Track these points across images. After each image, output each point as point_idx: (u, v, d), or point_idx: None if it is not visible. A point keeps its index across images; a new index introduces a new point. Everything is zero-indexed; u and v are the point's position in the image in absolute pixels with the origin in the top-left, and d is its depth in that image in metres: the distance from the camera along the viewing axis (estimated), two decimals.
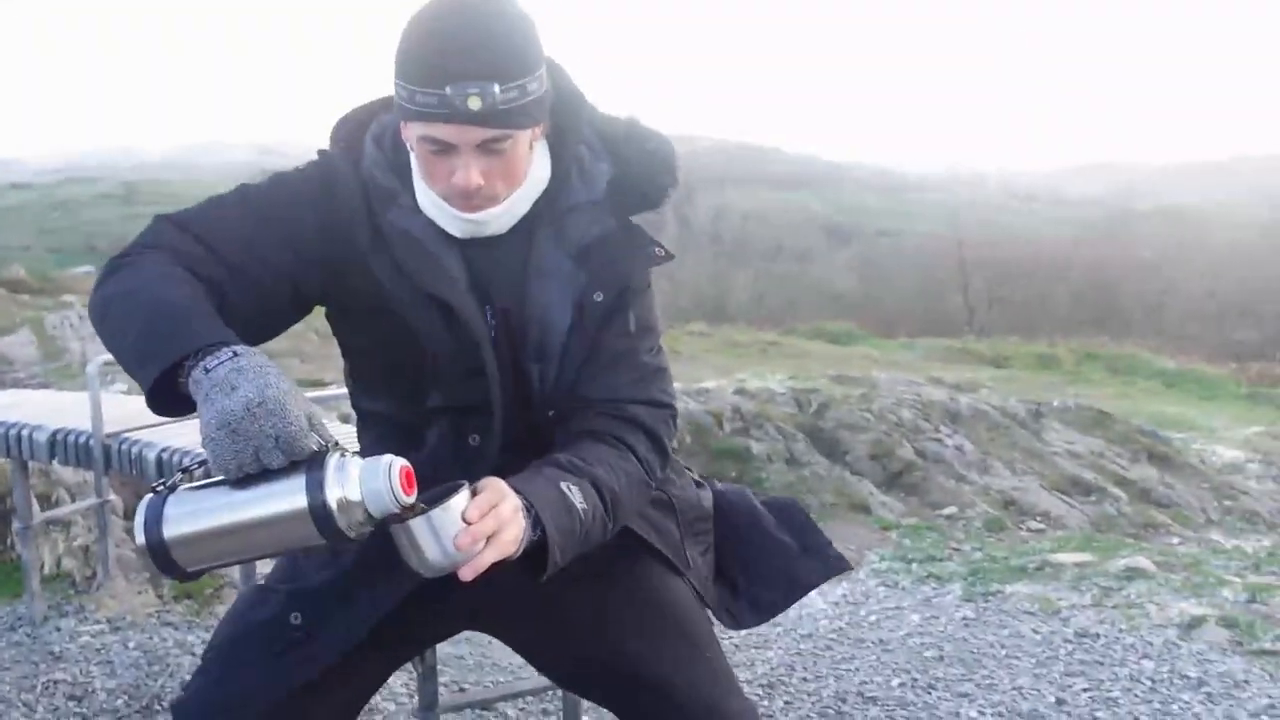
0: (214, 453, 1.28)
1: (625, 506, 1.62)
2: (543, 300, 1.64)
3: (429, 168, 1.57)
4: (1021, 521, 5.88)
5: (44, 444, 3.78)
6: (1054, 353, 14.17)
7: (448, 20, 1.50)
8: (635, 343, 1.70)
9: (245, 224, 1.58)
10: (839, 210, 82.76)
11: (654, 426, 1.69)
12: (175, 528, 1.31)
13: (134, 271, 1.49)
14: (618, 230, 1.68)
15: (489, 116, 1.49)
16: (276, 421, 1.28)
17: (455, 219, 1.60)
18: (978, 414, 7.48)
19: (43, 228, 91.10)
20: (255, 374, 1.30)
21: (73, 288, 13.26)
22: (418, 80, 1.50)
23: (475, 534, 1.34)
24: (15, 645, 3.83)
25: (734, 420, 6.56)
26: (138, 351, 1.40)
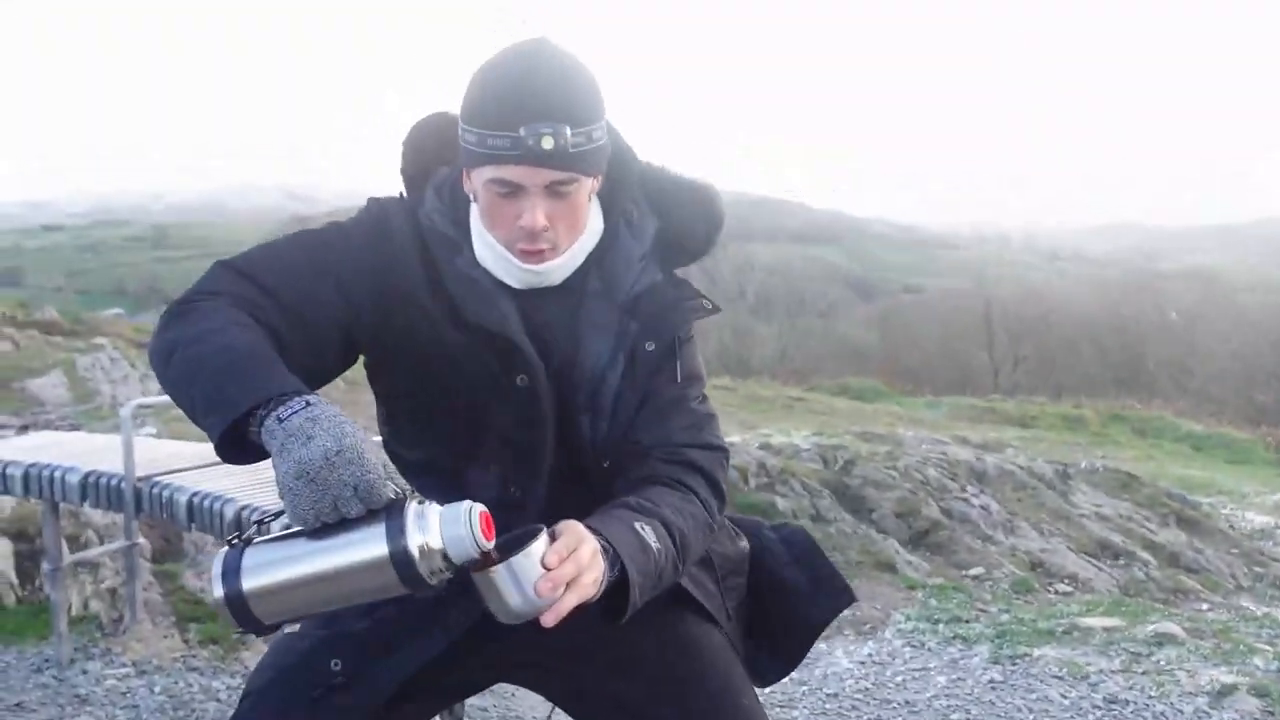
0: (292, 503, 1.28)
1: (692, 548, 1.63)
2: (595, 351, 1.66)
3: (494, 213, 1.59)
4: (1049, 584, 5.82)
5: (76, 486, 3.81)
6: (1080, 414, 14.08)
7: (520, 68, 1.55)
8: (685, 390, 1.72)
9: (301, 270, 1.59)
10: (863, 265, 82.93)
11: (711, 470, 1.71)
12: (254, 580, 1.30)
13: (198, 317, 1.50)
14: (665, 282, 1.71)
15: (560, 158, 1.53)
16: (355, 470, 1.28)
17: (515, 269, 1.62)
18: (1004, 474, 7.43)
19: (73, 269, 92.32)
20: (330, 423, 1.31)
21: (104, 330, 13.37)
22: (490, 124, 1.54)
23: (556, 580, 1.34)
24: (42, 687, 3.84)
25: (759, 475, 6.55)
26: (206, 399, 1.39)
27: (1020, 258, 77.55)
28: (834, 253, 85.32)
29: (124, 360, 10.67)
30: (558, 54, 1.58)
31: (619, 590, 1.45)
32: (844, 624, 4.88)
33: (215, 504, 3.43)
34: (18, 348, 11.48)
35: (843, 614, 5.01)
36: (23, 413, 8.30)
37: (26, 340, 11.95)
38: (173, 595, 4.61)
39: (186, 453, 4.13)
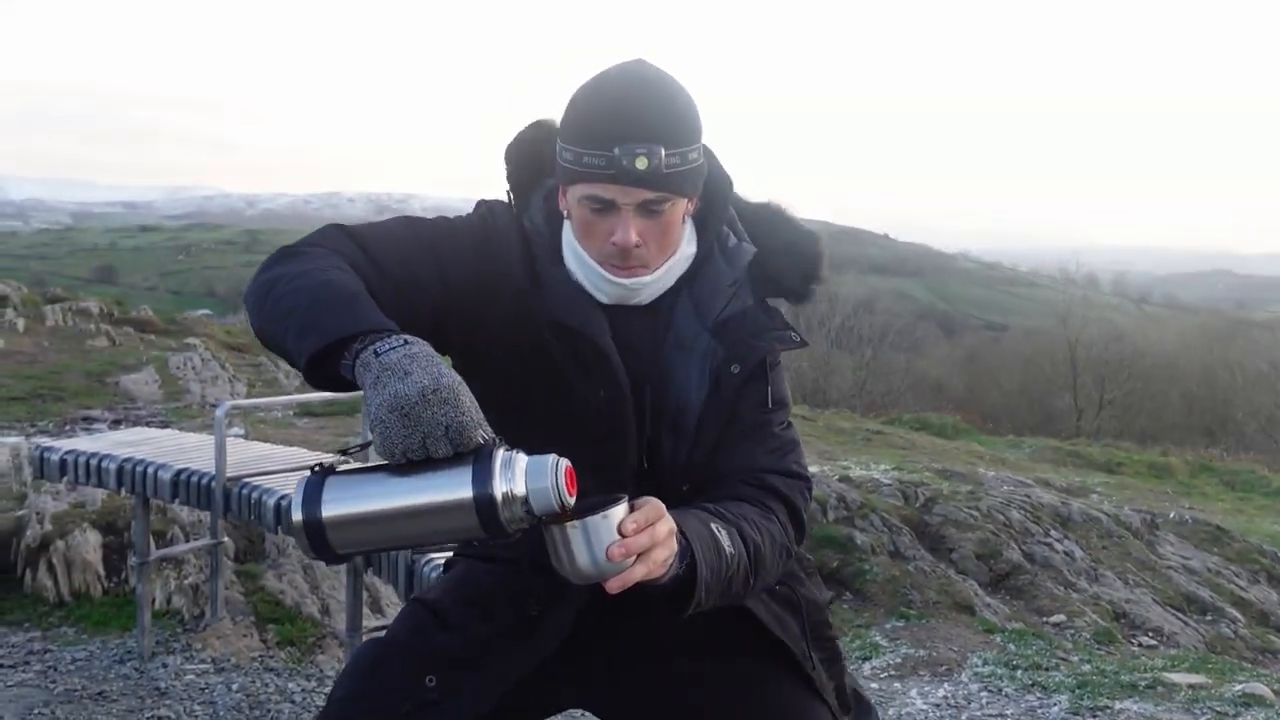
0: (382, 435, 1.28)
1: (767, 566, 1.61)
2: (682, 371, 1.67)
3: (587, 229, 1.62)
4: (1132, 636, 5.67)
5: (168, 483, 3.88)
6: (1167, 461, 13.74)
7: (618, 88, 1.58)
8: (770, 416, 1.72)
9: (408, 248, 1.62)
10: (946, 300, 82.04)
11: (792, 497, 1.70)
12: (334, 508, 1.30)
13: (304, 259, 1.53)
14: (755, 309, 1.72)
15: (653, 178, 1.55)
16: (450, 410, 1.29)
17: (606, 283, 1.63)
18: (1090, 520, 7.26)
19: (166, 270, 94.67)
20: (428, 362, 1.31)
21: (196, 330, 13.66)
22: (586, 142, 1.56)
23: (630, 546, 1.34)
24: (124, 678, 3.91)
25: (838, 509, 6.47)
26: (302, 324, 1.40)
27: (1107, 299, 76.14)
28: (917, 287, 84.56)
29: (215, 361, 10.88)
30: (656, 75, 1.60)
31: (686, 586, 1.45)
32: (919, 664, 4.80)
33: None
34: (114, 344, 11.78)
35: (918, 654, 4.92)
36: (116, 407, 8.50)
37: (122, 337, 12.25)
38: (253, 595, 4.67)
39: (275, 456, 4.19)
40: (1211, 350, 35.47)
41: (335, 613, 4.56)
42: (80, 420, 7.91)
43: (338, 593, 4.71)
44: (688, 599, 1.46)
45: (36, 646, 4.16)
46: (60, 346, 11.26)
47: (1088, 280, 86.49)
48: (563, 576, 1.37)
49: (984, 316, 75.40)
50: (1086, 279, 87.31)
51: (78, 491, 5.13)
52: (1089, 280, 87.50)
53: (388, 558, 3.12)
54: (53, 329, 12.35)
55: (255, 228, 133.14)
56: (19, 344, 11.16)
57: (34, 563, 4.66)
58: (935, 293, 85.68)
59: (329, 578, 4.88)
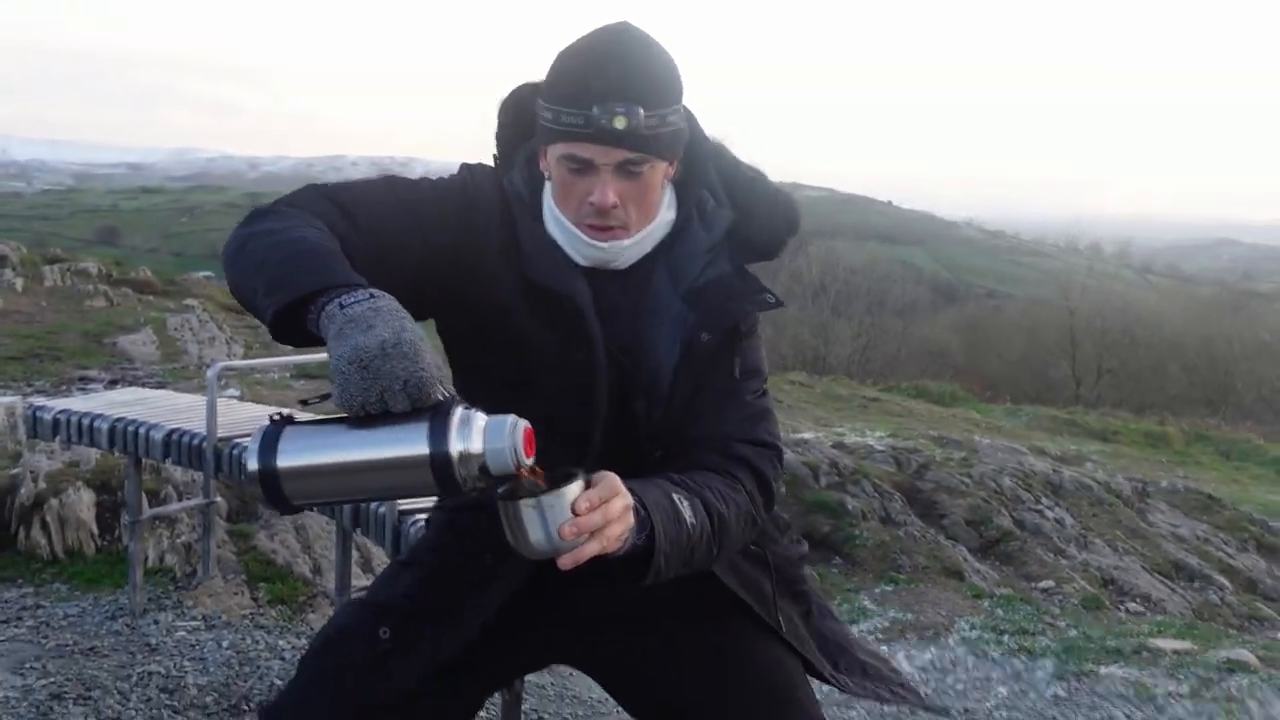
0: (341, 387, 1.28)
1: (732, 536, 1.62)
2: (655, 337, 1.67)
3: (566, 189, 1.62)
4: (1120, 602, 5.71)
5: (159, 443, 3.90)
6: (1163, 431, 13.77)
7: (598, 49, 1.58)
8: (741, 384, 1.72)
9: (389, 210, 1.61)
10: (948, 268, 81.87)
11: (760, 466, 1.70)
12: (290, 459, 1.30)
13: (277, 218, 1.52)
14: (731, 275, 1.71)
15: (631, 138, 1.55)
16: (409, 365, 1.28)
17: (584, 245, 1.63)
18: (1081, 488, 7.30)
19: (169, 232, 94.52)
20: (392, 316, 1.31)
21: (194, 291, 13.67)
22: (565, 101, 1.57)
23: (581, 526, 1.34)
24: (115, 634, 3.94)
25: (830, 474, 6.50)
26: (271, 279, 1.40)
27: (1111, 269, 75.97)
28: (919, 254, 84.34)
29: (212, 322, 10.89)
30: (638, 36, 1.60)
31: (647, 553, 1.45)
32: (907, 628, 4.84)
33: None
34: (112, 304, 11.79)
35: (906, 618, 4.95)
36: (112, 367, 8.52)
37: (120, 297, 12.26)
38: (245, 554, 4.71)
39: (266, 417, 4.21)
40: (1213, 321, 35.42)
41: (326, 572, 4.60)
42: (77, 380, 7.94)
43: (329, 552, 4.74)
44: (646, 568, 1.46)
45: (29, 602, 4.19)
46: (58, 306, 11.27)
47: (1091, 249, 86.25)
48: (516, 551, 1.37)
49: (986, 285, 75.26)
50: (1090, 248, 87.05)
51: (72, 451, 5.15)
52: (1093, 249, 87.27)
53: (375, 518, 3.15)
54: (51, 289, 12.36)
55: (258, 190, 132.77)
56: (17, 303, 11.18)
57: (28, 520, 4.69)
58: (938, 260, 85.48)
59: (320, 538, 4.91)
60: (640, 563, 1.46)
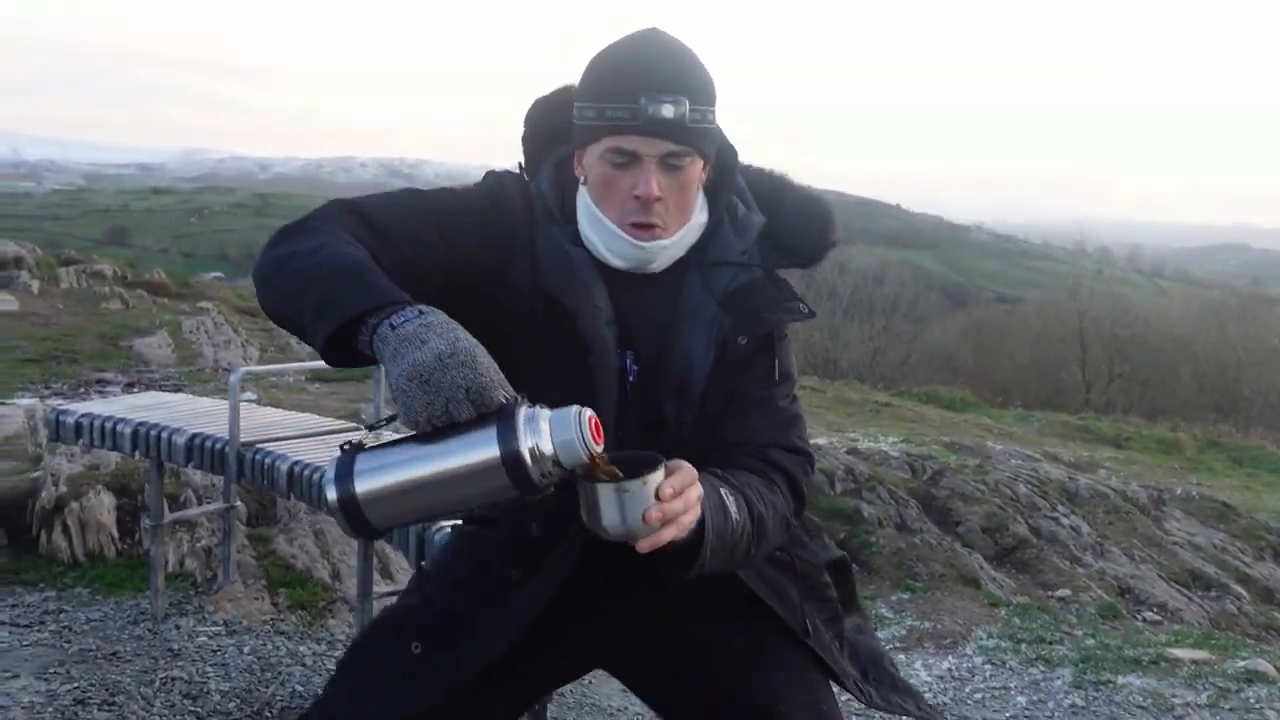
0: (405, 405, 1.30)
1: (769, 536, 1.63)
2: (688, 340, 1.68)
3: (607, 186, 1.63)
4: (1137, 611, 5.70)
5: (182, 447, 3.91)
6: (1176, 437, 13.73)
7: (640, 46, 1.62)
8: (774, 389, 1.74)
9: (415, 219, 1.63)
10: (958, 272, 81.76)
11: (794, 471, 1.72)
12: (367, 484, 1.32)
13: (311, 235, 1.53)
14: (765, 280, 1.72)
15: (677, 128, 1.58)
16: (468, 373, 1.30)
17: (625, 245, 1.64)
18: (1097, 495, 7.29)
19: (179, 233, 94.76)
20: (444, 329, 1.33)
21: (208, 294, 13.70)
22: (610, 96, 1.59)
23: (667, 512, 1.36)
24: (137, 639, 3.96)
25: (846, 480, 6.50)
26: (318, 303, 1.41)
27: (1121, 274, 75.78)
28: (930, 259, 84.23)
29: (227, 325, 10.91)
30: (675, 38, 1.64)
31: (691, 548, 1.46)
32: (924, 637, 4.84)
33: (314, 474, 3.50)
34: (127, 307, 11.82)
35: (923, 626, 4.95)
36: (129, 370, 8.55)
37: (135, 300, 12.29)
38: (265, 559, 4.72)
39: (287, 422, 4.22)
40: (1223, 326, 35.32)
41: (346, 577, 4.61)
42: (94, 383, 7.96)
43: (348, 558, 4.76)
44: (690, 561, 1.48)
45: (51, 606, 4.21)
46: (74, 309, 11.31)
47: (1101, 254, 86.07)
48: (593, 530, 1.39)
49: (996, 289, 75.14)
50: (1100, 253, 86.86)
51: (92, 454, 5.17)
52: (1102, 254, 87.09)
53: None
54: (67, 291, 12.40)
55: (267, 191, 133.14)
56: (34, 306, 11.22)
57: (49, 524, 4.71)
58: (948, 264, 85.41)
59: (339, 543, 4.93)
60: (686, 555, 1.47)
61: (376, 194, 1.69)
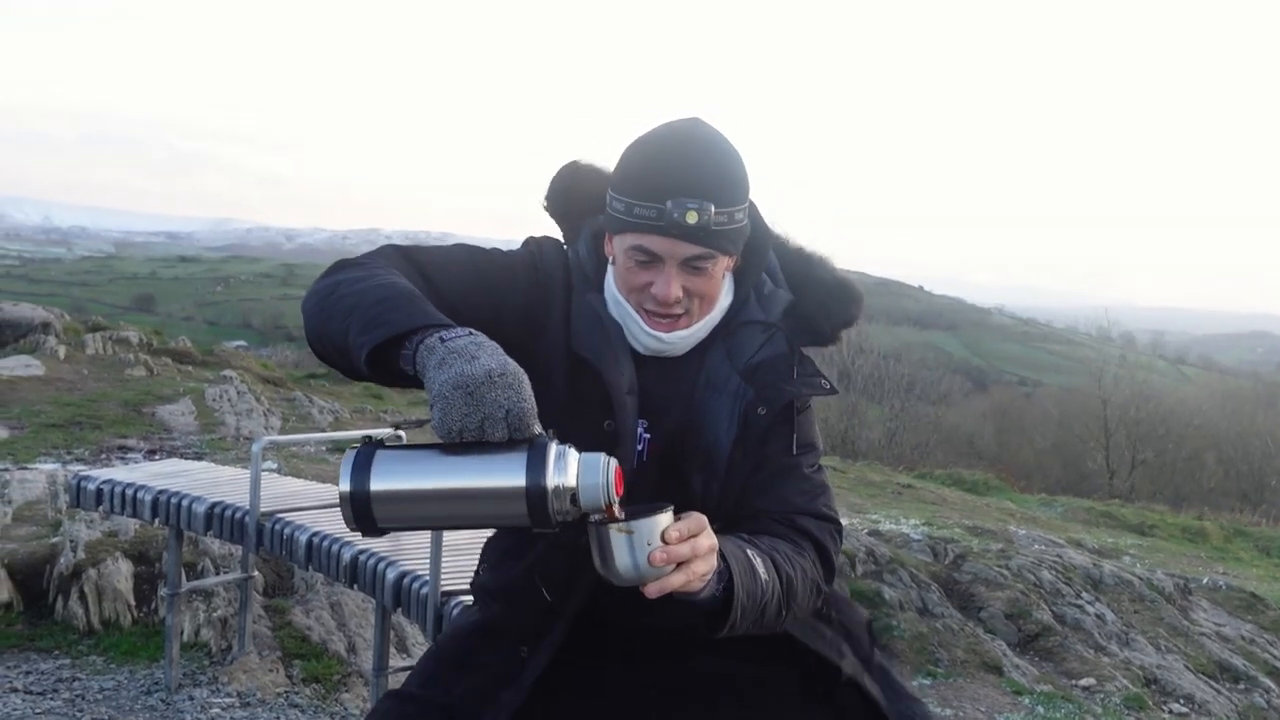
0: (443, 412, 1.30)
1: (798, 599, 1.63)
2: (712, 412, 1.69)
3: (629, 278, 1.66)
4: (1163, 703, 5.58)
5: (202, 516, 3.91)
6: (1201, 525, 13.53)
7: (672, 144, 1.63)
8: (799, 459, 1.75)
9: (463, 271, 1.67)
10: (979, 355, 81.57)
11: (822, 539, 1.72)
12: (383, 482, 1.32)
13: (363, 267, 1.58)
14: (788, 355, 1.74)
15: (701, 234, 1.59)
16: (513, 395, 1.32)
17: (644, 334, 1.67)
18: (1121, 583, 7.17)
19: (204, 300, 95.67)
20: (496, 350, 1.36)
21: (232, 363, 13.78)
22: (638, 194, 1.61)
23: (671, 554, 1.37)
24: (149, 709, 3.92)
25: (867, 562, 6.43)
26: (365, 319, 1.43)
27: (1144, 359, 75.46)
28: (950, 340, 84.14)
29: (250, 394, 10.94)
30: (711, 134, 1.64)
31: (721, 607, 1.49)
32: None
33: (334, 545, 3.49)
34: (151, 373, 11.89)
35: (945, 713, 4.87)
36: (151, 437, 8.57)
37: (160, 367, 12.36)
38: (280, 630, 4.68)
39: (308, 493, 4.21)
40: (1249, 414, 35.02)
41: (361, 651, 4.57)
42: (116, 449, 7.99)
43: (365, 631, 4.72)
44: (723, 620, 1.49)
45: (65, 674, 4.18)
46: (99, 375, 11.38)
47: (1124, 339, 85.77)
48: (602, 575, 1.40)
49: (1018, 372, 74.89)
50: (1123, 338, 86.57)
51: (111, 520, 5.17)
52: (1125, 340, 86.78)
53: (417, 598, 3.13)
54: (92, 357, 12.49)
55: (293, 261, 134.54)
56: (59, 371, 11.30)
57: (66, 590, 4.69)
58: (969, 347, 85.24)
59: (356, 615, 4.89)
60: (717, 614, 1.49)
61: (429, 245, 1.73)
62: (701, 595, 1.44)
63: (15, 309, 14.06)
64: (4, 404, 9.37)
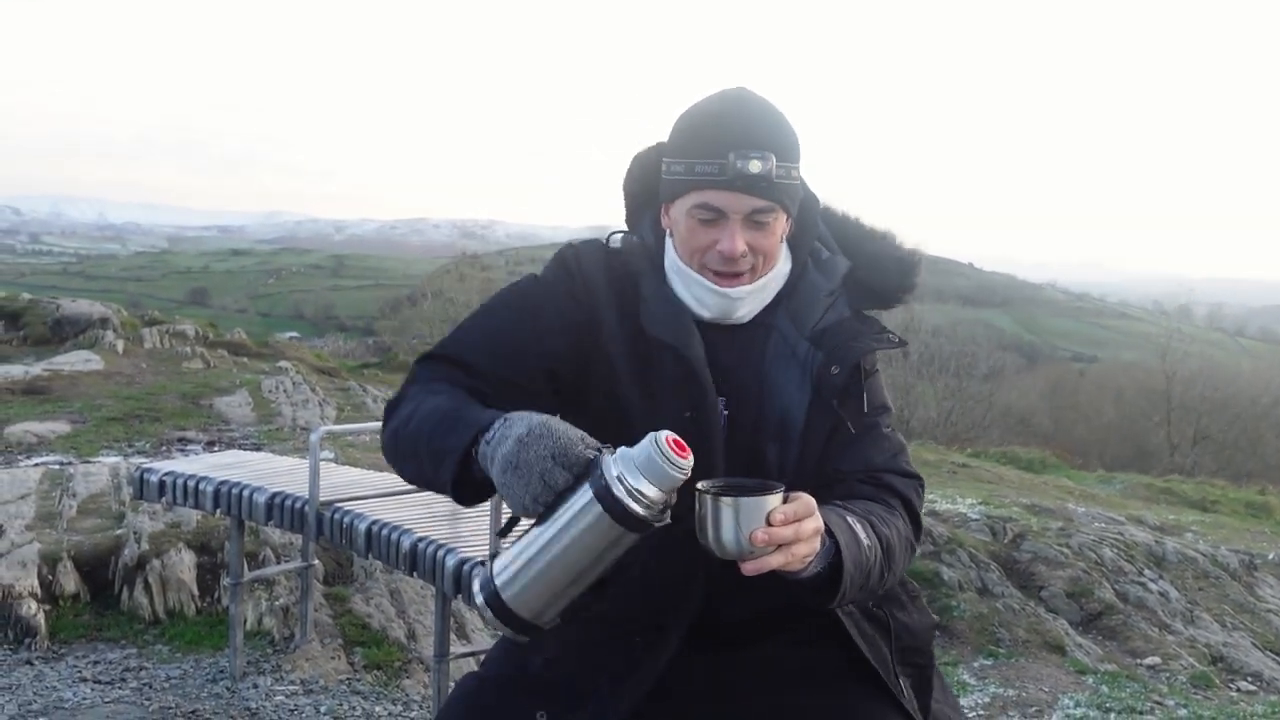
0: (508, 496, 1.37)
1: (896, 561, 1.65)
2: (783, 380, 1.71)
3: (692, 240, 1.67)
4: (1231, 680, 5.49)
5: (262, 506, 3.95)
6: (1265, 500, 13.32)
7: (730, 105, 1.65)
8: (877, 419, 1.76)
9: (489, 336, 1.70)
10: (1032, 331, 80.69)
11: (909, 496, 1.74)
12: (507, 584, 1.37)
13: (405, 404, 1.64)
14: (852, 318, 1.76)
15: (764, 185, 1.62)
16: (548, 441, 1.36)
17: (710, 294, 1.68)
18: (1185, 560, 7.07)
19: (256, 293, 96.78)
20: (519, 419, 1.40)
21: (287, 354, 13.91)
22: (699, 152, 1.63)
23: (772, 536, 1.38)
24: (215, 697, 3.97)
25: (925, 543, 6.37)
26: (430, 459, 1.51)
27: (1202, 333, 74.27)
28: (1002, 317, 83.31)
29: (305, 384, 11.05)
30: (762, 97, 1.67)
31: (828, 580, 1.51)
32: (1009, 704, 4.70)
33: (393, 534, 3.51)
34: (209, 366, 12.03)
35: (1007, 694, 4.80)
36: (209, 428, 8.68)
37: (216, 359, 12.51)
38: (341, 618, 4.73)
39: (366, 481, 4.24)
40: None
41: (421, 637, 4.60)
42: (176, 441, 8.10)
43: (424, 618, 4.75)
44: (831, 593, 1.51)
45: (132, 664, 4.25)
46: (157, 368, 11.53)
47: (1180, 313, 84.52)
48: (702, 544, 1.42)
49: (1072, 348, 74.00)
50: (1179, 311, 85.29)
51: (174, 512, 5.24)
52: (1182, 313, 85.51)
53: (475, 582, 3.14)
54: (150, 351, 12.66)
55: (342, 252, 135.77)
56: (118, 365, 11.46)
57: (131, 581, 4.76)
58: (1021, 324, 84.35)
59: (415, 602, 4.92)
60: (826, 586, 1.51)
61: (458, 330, 1.75)
62: (804, 574, 1.46)
63: (74, 305, 14.28)
64: (66, 399, 9.53)
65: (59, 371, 10.77)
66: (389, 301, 70.08)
